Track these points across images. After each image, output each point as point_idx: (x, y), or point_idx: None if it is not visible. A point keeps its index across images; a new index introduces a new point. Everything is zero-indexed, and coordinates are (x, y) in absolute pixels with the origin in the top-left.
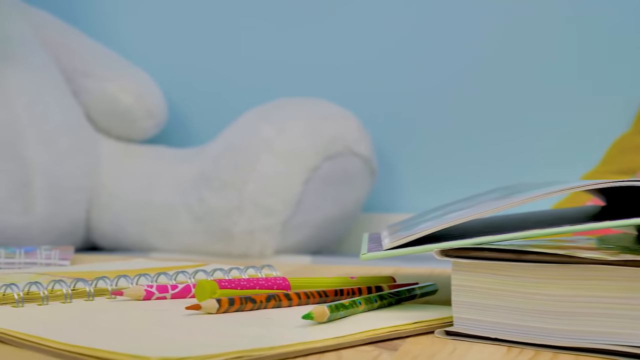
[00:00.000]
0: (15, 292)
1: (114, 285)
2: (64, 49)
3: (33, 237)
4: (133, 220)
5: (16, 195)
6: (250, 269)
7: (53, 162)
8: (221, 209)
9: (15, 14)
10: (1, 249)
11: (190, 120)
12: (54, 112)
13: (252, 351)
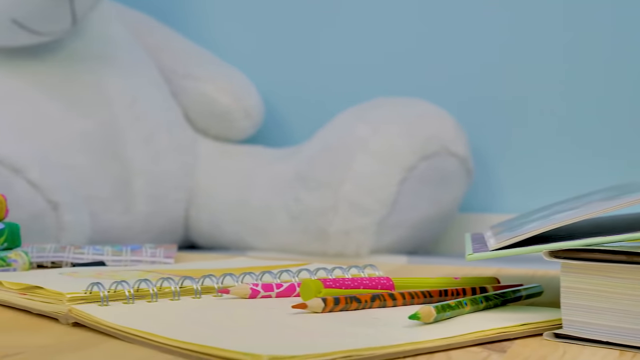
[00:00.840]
0: (126, 289)
1: (220, 284)
2: (163, 51)
3: (134, 236)
4: (231, 219)
5: (118, 194)
6: (353, 268)
7: (153, 162)
8: (317, 209)
9: (115, 15)
10: (108, 247)
11: (286, 120)
12: (154, 112)
13: (362, 350)
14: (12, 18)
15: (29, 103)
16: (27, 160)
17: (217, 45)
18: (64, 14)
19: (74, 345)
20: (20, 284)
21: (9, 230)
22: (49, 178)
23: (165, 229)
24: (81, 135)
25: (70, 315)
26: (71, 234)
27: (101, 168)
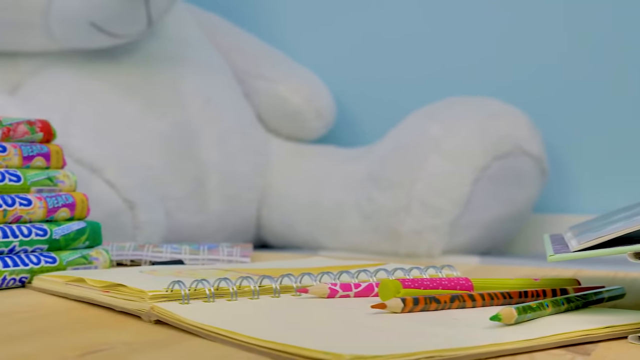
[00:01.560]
0: (206, 288)
1: (299, 283)
2: (236, 52)
3: (208, 235)
4: (303, 219)
5: (192, 194)
6: (430, 268)
7: (226, 162)
8: (389, 209)
9: (189, 17)
10: (186, 246)
11: (358, 120)
12: (227, 113)
13: (444, 351)
14: (91, 21)
15: (107, 104)
16: (105, 160)
17: (288, 46)
18: (139, 17)
19: (157, 343)
20: (103, 282)
21: (90, 229)
22: (126, 178)
23: (238, 229)
24: (157, 136)
25: (152, 313)
26: (147, 233)
27: (176, 168)
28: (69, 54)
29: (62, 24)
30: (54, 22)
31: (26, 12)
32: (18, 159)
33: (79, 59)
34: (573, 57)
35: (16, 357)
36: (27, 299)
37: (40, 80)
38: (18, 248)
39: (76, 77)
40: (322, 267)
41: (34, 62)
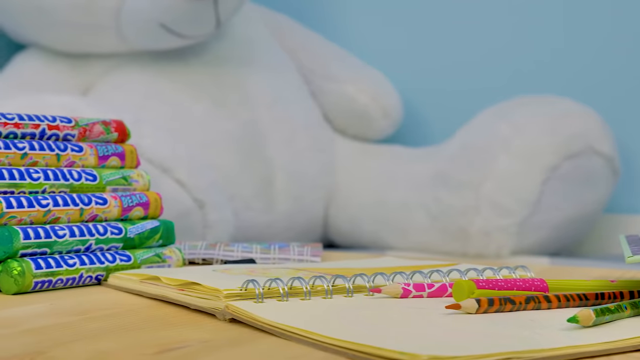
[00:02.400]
0: (280, 287)
1: (372, 283)
2: (302, 52)
3: (276, 234)
4: (369, 219)
5: (260, 193)
6: (504, 269)
7: (293, 161)
8: (457, 209)
9: (256, 18)
10: (256, 245)
11: (425, 120)
12: (294, 112)
13: (521, 353)
14: (160, 22)
15: (176, 104)
16: (175, 160)
17: (356, 45)
18: (208, 18)
19: (232, 341)
20: (178, 280)
21: (164, 228)
22: (195, 177)
23: (305, 228)
24: (225, 136)
25: (227, 312)
26: (216, 232)
27: (244, 167)
28: (139, 55)
29: (133, 25)
30: (124, 24)
31: (98, 14)
32: (94, 159)
33: (149, 60)
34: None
35: (95, 353)
36: (103, 297)
37: (112, 81)
38: (94, 246)
39: (146, 77)
40: (394, 267)
41: (106, 64)
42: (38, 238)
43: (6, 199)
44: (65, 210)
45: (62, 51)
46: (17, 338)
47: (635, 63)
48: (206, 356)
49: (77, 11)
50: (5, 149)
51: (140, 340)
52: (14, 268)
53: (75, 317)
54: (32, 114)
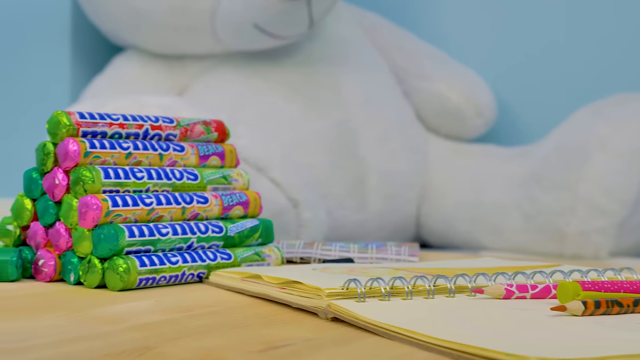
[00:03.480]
0: (381, 286)
1: (474, 283)
2: (395, 51)
3: (368, 233)
4: (463, 219)
5: (353, 192)
6: (608, 270)
7: (386, 160)
8: (553, 209)
9: (348, 17)
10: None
11: (519, 119)
12: (387, 112)
13: (633, 357)
14: (254, 23)
15: (270, 104)
16: (269, 160)
17: (449, 44)
18: (302, 18)
19: (335, 340)
20: (279, 279)
21: (263, 227)
22: (289, 176)
23: (398, 227)
24: (318, 135)
25: (329, 310)
26: (310, 231)
27: (337, 167)
28: (233, 55)
29: (227, 26)
30: (219, 25)
31: (194, 16)
32: (195, 158)
33: (243, 61)
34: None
35: (202, 349)
36: (206, 294)
37: (207, 82)
38: (196, 244)
39: (240, 78)
40: (495, 268)
41: (201, 64)
42: (142, 236)
43: (112, 197)
44: (168, 208)
45: (159, 53)
46: (126, 334)
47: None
48: (311, 354)
49: (173, 13)
50: (110, 149)
51: (245, 337)
52: (119, 265)
53: (180, 314)
54: (136, 115)
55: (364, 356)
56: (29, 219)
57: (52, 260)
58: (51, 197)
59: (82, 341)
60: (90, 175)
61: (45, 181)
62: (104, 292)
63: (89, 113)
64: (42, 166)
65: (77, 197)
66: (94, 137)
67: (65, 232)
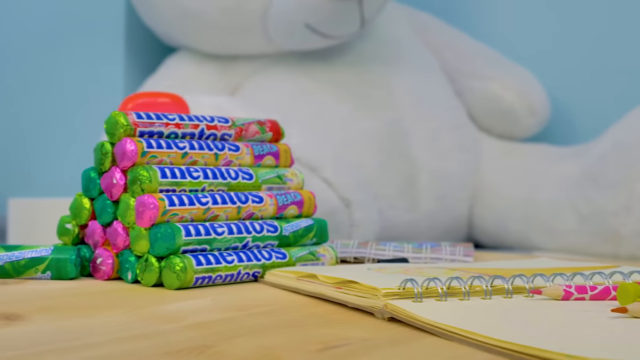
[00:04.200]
0: (438, 286)
1: (531, 284)
2: (447, 50)
3: (420, 233)
4: (516, 219)
5: (404, 192)
6: None
7: (438, 160)
8: (609, 209)
9: (400, 16)
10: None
11: (574, 118)
12: (439, 111)
13: None
14: (306, 23)
15: (321, 104)
16: (322, 159)
17: (502, 44)
18: (353, 18)
19: (393, 340)
20: (335, 278)
21: (317, 226)
22: (341, 176)
23: (449, 227)
24: (369, 135)
25: (385, 310)
26: (362, 231)
27: (388, 167)
28: (284, 55)
29: (279, 26)
30: (271, 25)
31: (246, 17)
32: (250, 158)
33: (294, 61)
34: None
35: (260, 348)
36: (261, 293)
37: (258, 82)
38: (251, 244)
39: (292, 78)
40: (552, 268)
41: (252, 65)
42: (199, 235)
43: (169, 197)
44: (224, 208)
45: (211, 53)
46: (184, 332)
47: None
48: (368, 354)
49: (225, 14)
50: (167, 149)
51: (302, 336)
52: (176, 264)
53: (237, 313)
54: (192, 115)
55: (422, 356)
56: (87, 218)
57: (110, 258)
58: (109, 197)
59: (142, 339)
60: (147, 175)
61: (103, 180)
62: (161, 291)
63: (146, 113)
64: (100, 166)
65: (134, 197)
66: (151, 137)
67: (123, 231)
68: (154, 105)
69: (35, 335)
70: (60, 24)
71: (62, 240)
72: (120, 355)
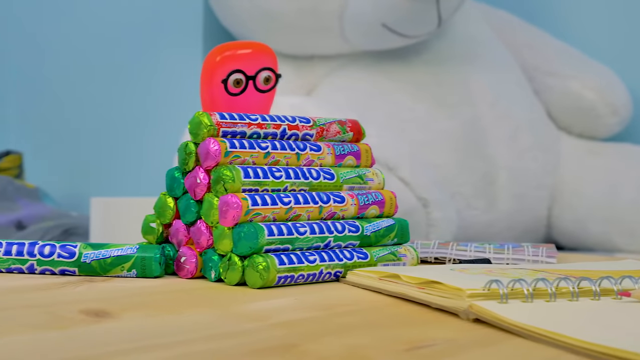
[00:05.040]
0: (524, 287)
1: (619, 285)
2: (527, 49)
3: (497, 233)
4: (597, 219)
5: (481, 192)
6: None
7: (516, 160)
8: None
9: (477, 15)
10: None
11: None
12: (517, 110)
13: None
14: (383, 23)
15: (398, 103)
16: (399, 159)
17: (586, 43)
18: (430, 17)
19: (479, 341)
20: (418, 279)
21: (399, 226)
22: (418, 176)
23: (528, 227)
24: (446, 134)
25: (470, 311)
26: (440, 231)
27: (465, 166)
28: (360, 55)
29: (356, 27)
30: (348, 25)
31: (323, 17)
32: (331, 158)
33: (371, 60)
34: None
35: (348, 347)
36: (344, 293)
37: (334, 82)
38: (332, 243)
39: (368, 77)
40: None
41: (329, 65)
42: (281, 235)
43: (251, 196)
44: (306, 208)
45: (288, 54)
46: (269, 331)
47: None
48: (455, 355)
49: (302, 15)
50: (250, 149)
51: (388, 336)
52: (259, 263)
53: (322, 312)
54: (274, 115)
55: (510, 358)
56: (171, 217)
57: (194, 257)
58: (192, 196)
59: (228, 337)
60: (230, 175)
61: (187, 180)
62: (244, 290)
63: (229, 113)
64: (184, 165)
65: (217, 196)
66: (234, 137)
67: (206, 230)
68: (234, 57)
69: (124, 332)
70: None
71: (147, 238)
72: (208, 353)
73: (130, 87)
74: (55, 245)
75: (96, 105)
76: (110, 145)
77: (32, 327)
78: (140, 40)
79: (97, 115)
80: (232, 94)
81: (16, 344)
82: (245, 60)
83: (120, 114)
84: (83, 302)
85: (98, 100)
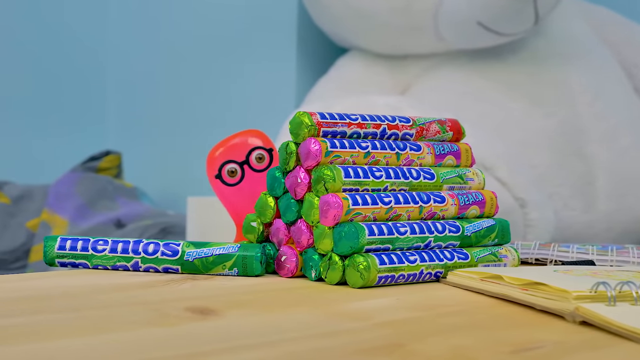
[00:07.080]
0: (633, 290)
1: None
2: (627, 46)
3: (595, 235)
4: None
5: (579, 192)
6: None
7: (616, 159)
8: None
9: (575, 12)
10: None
11: None
12: (616, 108)
13: None
14: (478, 21)
15: (494, 102)
16: (495, 159)
17: None
18: (527, 15)
19: (587, 344)
20: (521, 280)
21: (499, 227)
22: (515, 176)
23: (628, 228)
24: (543, 134)
25: (577, 314)
26: (537, 231)
27: (562, 166)
28: (454, 54)
29: (450, 25)
30: (442, 24)
31: (416, 16)
32: (431, 158)
33: (465, 59)
34: None
35: (453, 348)
36: (445, 293)
37: (428, 81)
38: (432, 244)
39: (462, 76)
40: None
41: (422, 64)
42: (382, 234)
43: (352, 196)
44: (406, 207)
45: (381, 53)
46: (373, 330)
47: None
48: (563, 358)
49: (395, 14)
50: (350, 148)
51: (493, 337)
52: (360, 263)
53: (425, 312)
54: (374, 115)
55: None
56: (271, 217)
57: (294, 256)
58: (293, 195)
59: (331, 337)
60: (331, 174)
61: (287, 180)
62: (345, 289)
63: (329, 113)
64: (285, 165)
65: (318, 196)
66: (334, 137)
67: (307, 229)
68: (223, 152)
69: (229, 330)
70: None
71: (248, 238)
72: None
73: (224, 85)
74: (159, 243)
75: (191, 105)
76: (206, 145)
77: (139, 324)
78: (234, 39)
79: (193, 115)
80: (231, 184)
81: (123, 341)
82: (234, 150)
83: (215, 113)
84: (188, 299)
85: (193, 99)
